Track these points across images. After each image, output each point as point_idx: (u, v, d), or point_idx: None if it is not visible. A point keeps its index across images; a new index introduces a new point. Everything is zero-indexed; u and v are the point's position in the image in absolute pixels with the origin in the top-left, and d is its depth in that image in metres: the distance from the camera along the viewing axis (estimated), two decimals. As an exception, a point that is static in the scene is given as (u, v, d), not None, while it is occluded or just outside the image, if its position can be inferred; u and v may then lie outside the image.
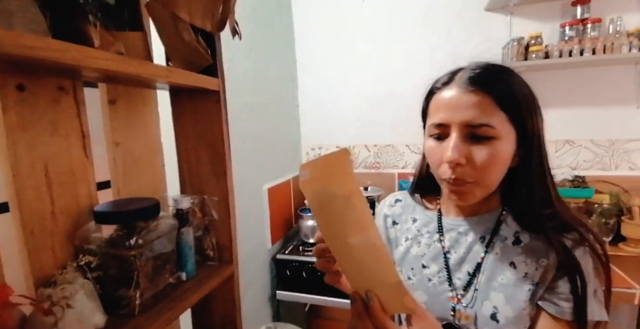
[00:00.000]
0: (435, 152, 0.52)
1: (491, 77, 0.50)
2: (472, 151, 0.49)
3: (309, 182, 0.40)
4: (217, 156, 0.63)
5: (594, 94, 1.50)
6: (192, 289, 0.55)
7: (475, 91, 0.49)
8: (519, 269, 0.52)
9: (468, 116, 0.48)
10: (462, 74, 0.51)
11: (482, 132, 0.48)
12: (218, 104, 0.62)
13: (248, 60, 1.31)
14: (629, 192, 1.46)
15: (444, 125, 0.51)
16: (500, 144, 0.49)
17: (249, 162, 1.32)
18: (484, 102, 0.48)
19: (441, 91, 0.52)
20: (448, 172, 0.50)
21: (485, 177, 0.50)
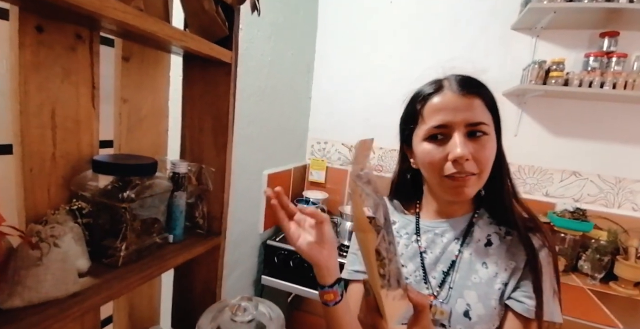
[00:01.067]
0: (435, 153, 0.54)
1: (477, 83, 0.56)
2: (473, 147, 0.53)
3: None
4: (221, 128, 0.64)
5: (608, 129, 1.48)
6: (177, 252, 0.56)
7: (468, 94, 0.54)
8: (490, 269, 0.56)
9: (468, 115, 0.53)
10: (449, 82, 0.56)
11: (479, 129, 0.53)
12: (228, 76, 0.63)
13: (267, 44, 1.33)
14: (628, 232, 1.44)
15: (444, 126, 0.54)
16: (491, 139, 0.55)
17: (253, 144, 1.33)
18: (477, 104, 0.54)
19: (435, 96, 0.56)
20: (453, 168, 0.52)
21: (485, 170, 0.54)
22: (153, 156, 0.63)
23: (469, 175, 0.53)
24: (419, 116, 0.58)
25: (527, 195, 1.58)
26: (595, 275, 1.34)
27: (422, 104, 0.58)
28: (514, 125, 1.59)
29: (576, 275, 1.39)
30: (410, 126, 0.61)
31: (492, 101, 0.57)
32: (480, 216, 0.61)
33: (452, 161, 0.52)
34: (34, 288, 0.40)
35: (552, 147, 1.55)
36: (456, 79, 0.57)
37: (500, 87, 1.56)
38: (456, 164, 0.52)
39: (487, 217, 0.61)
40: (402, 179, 0.67)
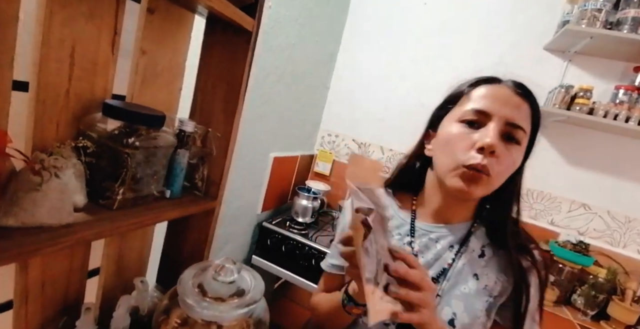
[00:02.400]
0: (464, 137, 0.51)
1: (531, 91, 0.54)
2: (502, 147, 0.50)
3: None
4: (233, 95, 0.64)
5: (627, 166, 1.44)
6: (171, 207, 0.57)
7: (522, 96, 0.52)
8: (480, 280, 0.55)
9: (513, 114, 0.50)
10: (507, 80, 0.55)
11: (515, 134, 0.50)
12: (248, 45, 0.63)
13: (293, 26, 1.33)
14: (629, 274, 1.40)
15: (485, 113, 0.51)
16: (520, 150, 0.52)
17: (263, 125, 1.33)
18: (526, 109, 0.52)
19: (489, 85, 0.54)
20: (478, 157, 0.49)
21: (501, 176, 0.51)
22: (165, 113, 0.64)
23: (483, 173, 0.49)
24: (464, 95, 0.55)
25: (532, 220, 1.54)
26: (587, 311, 1.30)
27: (473, 87, 0.55)
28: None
29: (568, 308, 1.35)
30: (448, 106, 0.58)
31: (538, 114, 0.54)
32: (479, 227, 0.59)
33: (478, 149, 0.49)
34: (29, 211, 0.41)
35: (565, 176, 1.51)
36: (514, 81, 0.55)
37: (522, 108, 1.53)
38: (481, 152, 0.49)
39: (484, 229, 0.59)
40: (409, 165, 0.64)
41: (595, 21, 1.29)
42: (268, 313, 0.53)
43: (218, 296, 0.49)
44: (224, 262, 0.49)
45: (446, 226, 0.59)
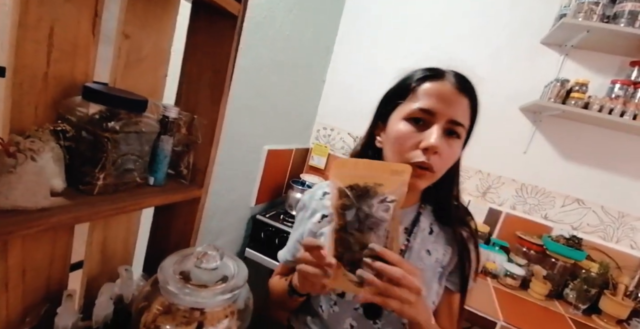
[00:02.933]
0: (410, 137, 0.55)
1: (472, 87, 0.58)
2: (444, 144, 0.54)
3: None
4: (219, 81, 0.63)
5: (622, 161, 1.44)
6: (154, 194, 0.56)
7: (463, 93, 0.56)
8: (432, 255, 0.63)
9: (455, 112, 0.55)
10: (450, 74, 0.58)
11: (456, 130, 0.55)
12: (233, 30, 0.62)
13: (287, 17, 1.31)
14: (621, 269, 1.40)
15: (430, 112, 0.54)
16: (460, 143, 0.58)
17: (257, 117, 1.32)
18: (466, 104, 0.56)
19: (434, 80, 0.57)
20: (422, 157, 0.54)
21: (442, 169, 0.57)
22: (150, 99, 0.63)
23: (427, 171, 0.55)
24: (411, 92, 0.58)
25: (526, 215, 1.54)
26: (579, 305, 1.30)
27: (418, 82, 0.58)
28: (525, 142, 1.55)
29: (560, 302, 1.36)
30: (396, 101, 0.60)
31: (476, 110, 0.59)
32: (425, 207, 0.67)
33: (423, 149, 0.54)
34: (3, 193, 0.40)
35: (559, 171, 1.51)
36: (456, 74, 0.58)
37: (519, 101, 1.52)
38: (425, 153, 0.54)
39: (430, 209, 0.67)
40: (362, 155, 0.66)
41: (592, 14, 1.28)
42: (252, 300, 0.53)
43: (201, 283, 0.48)
44: (206, 249, 0.49)
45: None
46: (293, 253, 0.73)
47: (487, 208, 1.57)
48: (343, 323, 0.63)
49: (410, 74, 0.61)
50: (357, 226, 0.46)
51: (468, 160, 1.57)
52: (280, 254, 0.76)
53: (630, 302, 1.27)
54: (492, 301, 1.20)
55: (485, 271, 1.42)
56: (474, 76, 0.60)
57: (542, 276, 1.35)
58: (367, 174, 0.47)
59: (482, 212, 1.57)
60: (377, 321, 0.61)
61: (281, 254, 0.76)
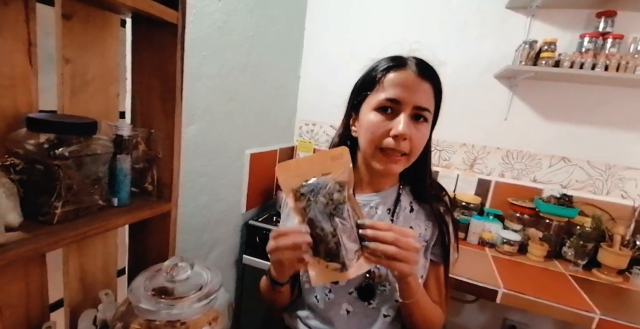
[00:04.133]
0: (381, 125, 0.59)
1: (433, 71, 0.62)
2: (413, 129, 0.59)
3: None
4: (169, 93, 0.62)
5: (600, 113, 1.44)
6: (118, 215, 0.56)
7: (425, 79, 0.59)
8: (415, 231, 0.67)
9: (419, 98, 0.58)
10: (412, 62, 0.61)
11: (423, 114, 0.60)
12: (175, 38, 0.61)
13: (249, 18, 1.29)
14: (615, 220, 1.41)
15: (397, 101, 0.58)
16: (428, 126, 0.62)
17: (234, 122, 1.31)
18: (429, 89, 0.60)
19: (397, 70, 0.60)
20: (393, 143, 0.58)
21: (415, 152, 0.61)
22: (103, 120, 0.63)
23: (400, 155, 0.60)
24: (378, 84, 0.61)
25: (515, 180, 1.55)
26: (578, 262, 1.31)
27: (383, 73, 0.61)
28: (504, 109, 1.55)
29: (559, 261, 1.37)
30: (364, 93, 0.64)
31: (440, 92, 0.63)
32: (404, 187, 0.71)
33: (393, 136, 0.58)
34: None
35: (542, 132, 1.51)
36: (417, 61, 0.61)
37: (493, 69, 1.52)
38: (395, 140, 0.58)
39: (409, 189, 0.72)
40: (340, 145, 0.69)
41: (550, -29, 1.26)
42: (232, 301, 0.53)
43: (178, 295, 0.49)
44: (174, 261, 0.49)
45: (380, 194, 0.69)
46: None
47: (476, 180, 1.58)
48: (339, 308, 0.65)
49: (374, 65, 0.64)
50: (322, 217, 0.48)
51: (451, 135, 1.60)
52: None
53: (628, 251, 1.28)
54: (492, 271, 1.21)
55: (483, 242, 1.44)
56: (436, 59, 0.63)
57: (538, 239, 1.36)
58: (311, 168, 0.50)
59: (472, 184, 1.58)
60: (372, 301, 0.64)
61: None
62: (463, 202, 1.52)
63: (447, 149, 1.64)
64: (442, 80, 0.63)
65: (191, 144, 1.10)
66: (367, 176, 0.69)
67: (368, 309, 0.64)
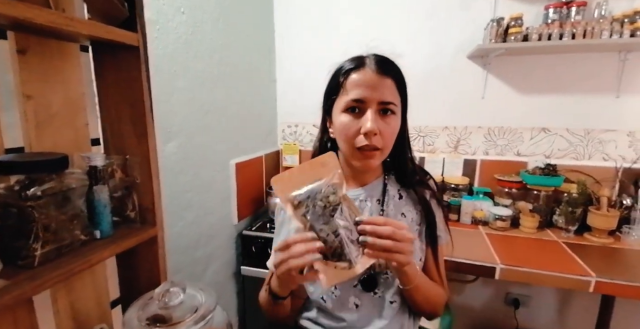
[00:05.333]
0: (351, 125, 0.62)
1: (392, 65, 0.65)
2: (381, 124, 0.61)
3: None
4: (138, 115, 0.61)
5: (573, 81, 1.46)
6: (104, 247, 0.55)
7: (384, 74, 0.61)
8: (407, 217, 0.71)
9: (381, 94, 0.61)
10: (370, 60, 0.64)
11: (389, 108, 0.62)
12: (138, 60, 0.60)
13: (216, 27, 1.27)
14: (600, 183, 1.45)
15: (361, 100, 0.61)
16: (397, 118, 0.64)
17: (214, 134, 1.30)
18: (391, 84, 0.62)
19: (356, 72, 0.63)
20: (364, 141, 0.61)
21: (387, 146, 0.64)
22: (75, 152, 0.61)
23: (375, 150, 0.62)
24: (342, 87, 0.64)
25: (499, 157, 1.58)
26: (569, 228, 1.35)
27: (344, 77, 0.64)
28: (480, 88, 1.56)
29: (551, 230, 1.41)
30: (332, 97, 0.67)
31: (403, 84, 0.65)
32: (389, 177, 0.74)
33: (363, 134, 0.61)
34: None
35: (519, 106, 1.53)
36: (375, 59, 0.64)
37: (465, 50, 1.53)
38: (366, 136, 0.61)
39: (394, 177, 0.75)
40: (322, 147, 0.74)
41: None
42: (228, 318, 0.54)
43: (174, 321, 0.49)
44: (165, 287, 0.49)
45: (367, 187, 0.72)
46: None
47: (462, 161, 1.60)
48: (347, 303, 0.67)
49: (337, 69, 0.67)
50: (323, 220, 0.51)
51: (433, 120, 1.62)
52: (269, 263, 0.77)
53: (615, 212, 1.32)
54: (488, 248, 1.24)
55: (475, 220, 1.46)
56: (394, 53, 0.67)
57: (528, 211, 1.39)
58: (305, 176, 0.52)
59: (458, 166, 1.60)
60: (377, 290, 0.67)
61: (270, 263, 0.77)
62: (452, 184, 1.54)
63: (430, 134, 1.65)
64: (403, 71, 0.66)
65: (171, 161, 1.09)
66: (351, 172, 0.72)
67: (374, 299, 0.67)
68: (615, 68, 1.41)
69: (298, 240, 0.49)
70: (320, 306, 0.70)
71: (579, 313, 1.53)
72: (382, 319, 0.67)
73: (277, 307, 0.66)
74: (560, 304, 1.57)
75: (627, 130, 1.43)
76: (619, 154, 1.45)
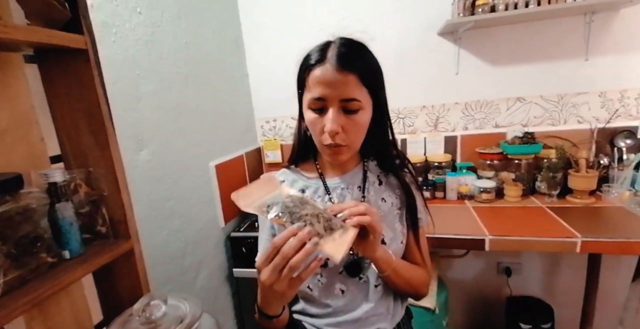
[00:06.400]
0: (316, 123, 0.61)
1: (355, 57, 0.60)
2: (345, 121, 0.59)
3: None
4: (97, 124, 0.58)
5: (543, 48, 1.47)
6: (74, 267, 0.52)
7: (344, 70, 0.57)
8: (387, 201, 0.71)
9: (342, 92, 0.58)
10: (331, 53, 0.59)
11: (352, 106, 0.59)
12: (88, 64, 0.56)
13: (177, 26, 1.21)
14: (577, 145, 1.48)
15: (323, 98, 0.59)
16: (364, 114, 0.61)
17: (189, 137, 1.25)
18: (352, 81, 0.58)
19: (317, 67, 0.59)
20: (329, 139, 0.60)
21: (355, 142, 0.64)
22: (32, 170, 0.57)
23: (339, 147, 0.61)
24: (305, 83, 0.62)
25: (479, 130, 1.59)
26: (551, 193, 1.38)
27: (307, 72, 0.61)
28: (453, 64, 1.56)
29: (535, 197, 1.44)
30: (300, 91, 0.66)
31: (370, 75, 0.61)
32: (369, 163, 0.74)
33: (327, 132, 0.59)
34: None
35: (493, 78, 1.54)
36: (338, 52, 0.59)
37: (435, 28, 1.51)
38: (330, 135, 0.59)
39: (374, 162, 0.74)
40: (301, 140, 0.72)
41: None
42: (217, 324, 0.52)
43: (160, 333, 0.47)
44: (144, 301, 0.47)
45: (347, 175, 0.72)
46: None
47: (442, 138, 1.60)
48: (333, 290, 0.67)
49: (302, 61, 0.64)
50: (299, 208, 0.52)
51: (410, 100, 1.60)
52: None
53: (594, 172, 1.35)
54: (475, 221, 1.25)
55: (461, 196, 1.48)
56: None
57: (511, 180, 1.42)
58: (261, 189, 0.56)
59: (439, 144, 1.60)
60: (362, 275, 0.67)
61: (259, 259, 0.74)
62: (435, 162, 1.55)
63: (409, 114, 1.65)
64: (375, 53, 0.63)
65: (146, 170, 1.04)
66: (329, 162, 0.71)
67: (360, 283, 0.68)
68: (582, 31, 1.42)
69: (285, 236, 0.46)
70: (306, 296, 0.70)
71: (569, 274, 1.59)
72: (368, 303, 0.68)
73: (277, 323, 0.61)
74: (551, 268, 1.62)
75: (598, 91, 1.46)
76: (593, 116, 1.48)
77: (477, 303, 1.74)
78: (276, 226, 0.70)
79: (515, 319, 1.51)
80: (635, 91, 1.43)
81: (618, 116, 1.46)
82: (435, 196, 1.52)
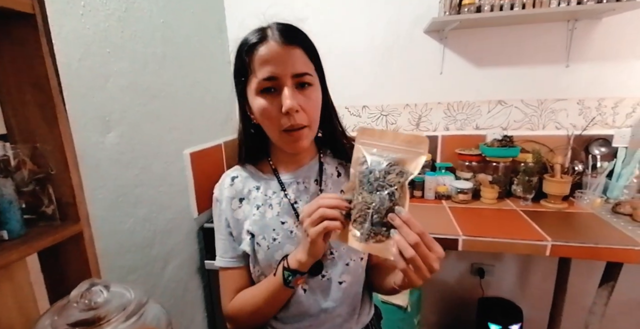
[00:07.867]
0: (270, 107, 0.57)
1: (297, 33, 0.59)
2: (302, 99, 0.56)
3: None
4: (45, 97, 0.53)
5: (526, 52, 1.49)
6: (11, 249, 0.47)
7: (290, 44, 0.56)
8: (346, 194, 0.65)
9: (294, 67, 0.55)
10: (272, 31, 0.57)
11: (305, 80, 0.57)
12: (36, 31, 0.51)
13: (155, 4, 1.16)
14: (553, 151, 1.51)
15: (274, 78, 0.55)
16: (316, 89, 0.59)
17: (163, 121, 1.20)
18: (299, 54, 0.56)
19: (260, 47, 0.56)
20: (288, 122, 0.56)
21: (314, 120, 0.60)
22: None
23: (302, 128, 0.57)
24: (249, 67, 0.58)
25: (459, 131, 1.60)
26: (526, 196, 1.40)
27: (249, 55, 0.57)
28: (438, 63, 1.56)
29: (510, 199, 1.46)
30: (242, 79, 0.60)
31: (313, 50, 0.59)
32: (325, 155, 0.70)
33: (285, 113, 0.55)
34: None
35: (476, 80, 1.55)
36: (278, 28, 0.57)
37: (421, 24, 1.50)
38: (289, 116, 0.55)
39: (330, 153, 0.71)
40: (248, 137, 0.67)
41: None
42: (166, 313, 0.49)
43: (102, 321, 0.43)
44: (83, 286, 0.43)
45: (303, 168, 0.68)
46: (233, 250, 0.68)
47: (424, 137, 1.60)
48: (296, 290, 0.64)
49: (239, 46, 0.60)
50: (368, 188, 0.49)
51: (394, 98, 1.60)
52: (222, 261, 0.70)
53: (568, 178, 1.38)
54: (450, 221, 1.26)
55: (439, 195, 1.48)
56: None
57: (488, 182, 1.43)
58: (389, 146, 0.50)
59: (421, 143, 1.60)
60: (324, 274, 0.64)
61: (222, 260, 0.70)
62: (416, 161, 1.54)
63: (392, 112, 1.64)
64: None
65: (114, 153, 0.99)
66: (285, 156, 0.67)
67: (323, 282, 0.64)
68: (565, 38, 1.44)
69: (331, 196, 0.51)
70: None
71: (539, 278, 1.62)
72: (329, 301, 0.64)
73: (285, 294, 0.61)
74: (523, 271, 1.65)
75: (576, 98, 1.49)
76: (570, 122, 1.51)
77: (450, 303, 1.76)
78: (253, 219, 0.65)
79: (485, 319, 1.53)
80: (612, 100, 1.46)
81: (594, 123, 1.49)
82: (413, 195, 1.52)
